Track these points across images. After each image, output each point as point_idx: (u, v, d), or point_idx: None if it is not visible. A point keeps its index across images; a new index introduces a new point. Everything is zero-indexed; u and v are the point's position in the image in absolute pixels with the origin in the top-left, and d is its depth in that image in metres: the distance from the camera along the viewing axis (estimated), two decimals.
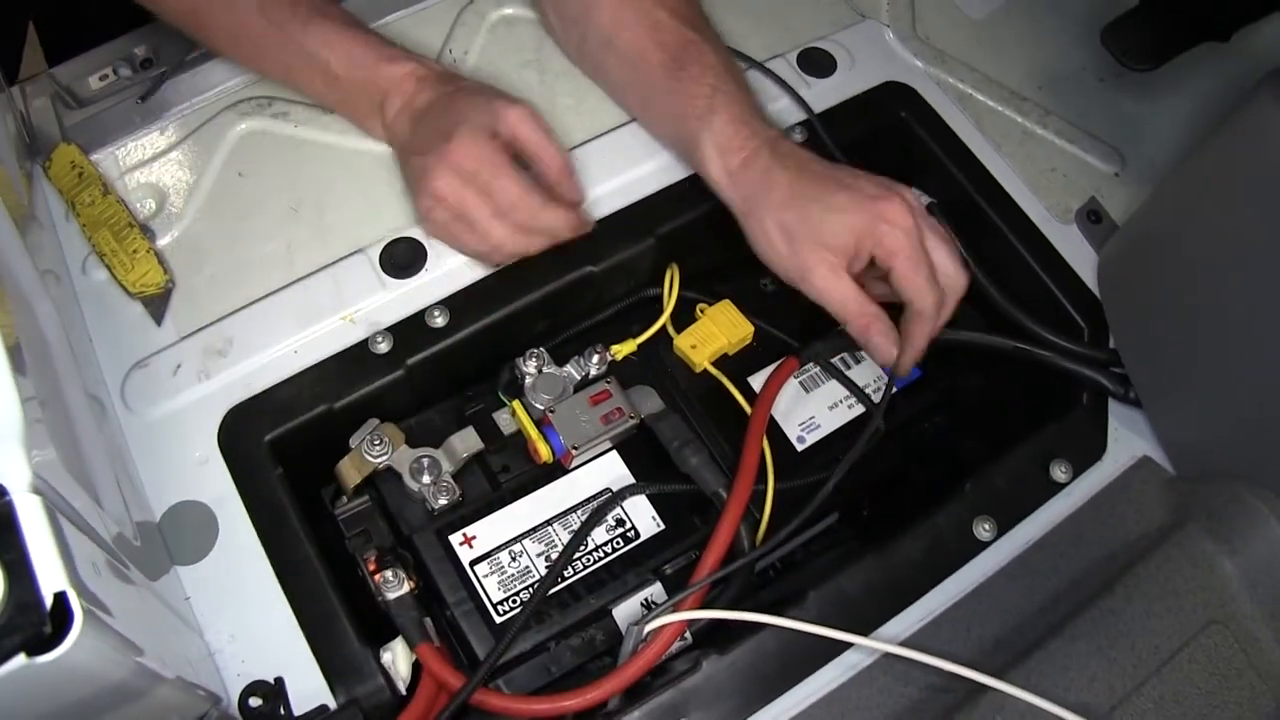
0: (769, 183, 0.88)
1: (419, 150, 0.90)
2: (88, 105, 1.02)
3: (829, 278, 0.86)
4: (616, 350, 0.95)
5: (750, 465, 0.87)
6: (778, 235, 0.87)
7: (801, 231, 0.86)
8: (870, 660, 0.82)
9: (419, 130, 0.92)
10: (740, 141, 0.90)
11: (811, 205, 0.86)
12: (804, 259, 0.86)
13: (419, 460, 0.87)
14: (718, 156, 0.90)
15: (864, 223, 0.84)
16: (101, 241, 0.90)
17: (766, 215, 0.88)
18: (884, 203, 0.84)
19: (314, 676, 0.77)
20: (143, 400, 0.86)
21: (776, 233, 0.87)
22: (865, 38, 1.11)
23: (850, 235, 0.84)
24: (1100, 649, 0.82)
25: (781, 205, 0.87)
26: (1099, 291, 0.99)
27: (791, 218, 0.86)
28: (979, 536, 0.88)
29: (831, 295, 0.86)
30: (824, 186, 0.86)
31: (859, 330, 0.87)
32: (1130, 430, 0.94)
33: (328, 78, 0.94)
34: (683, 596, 0.80)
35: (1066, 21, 1.15)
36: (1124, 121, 1.10)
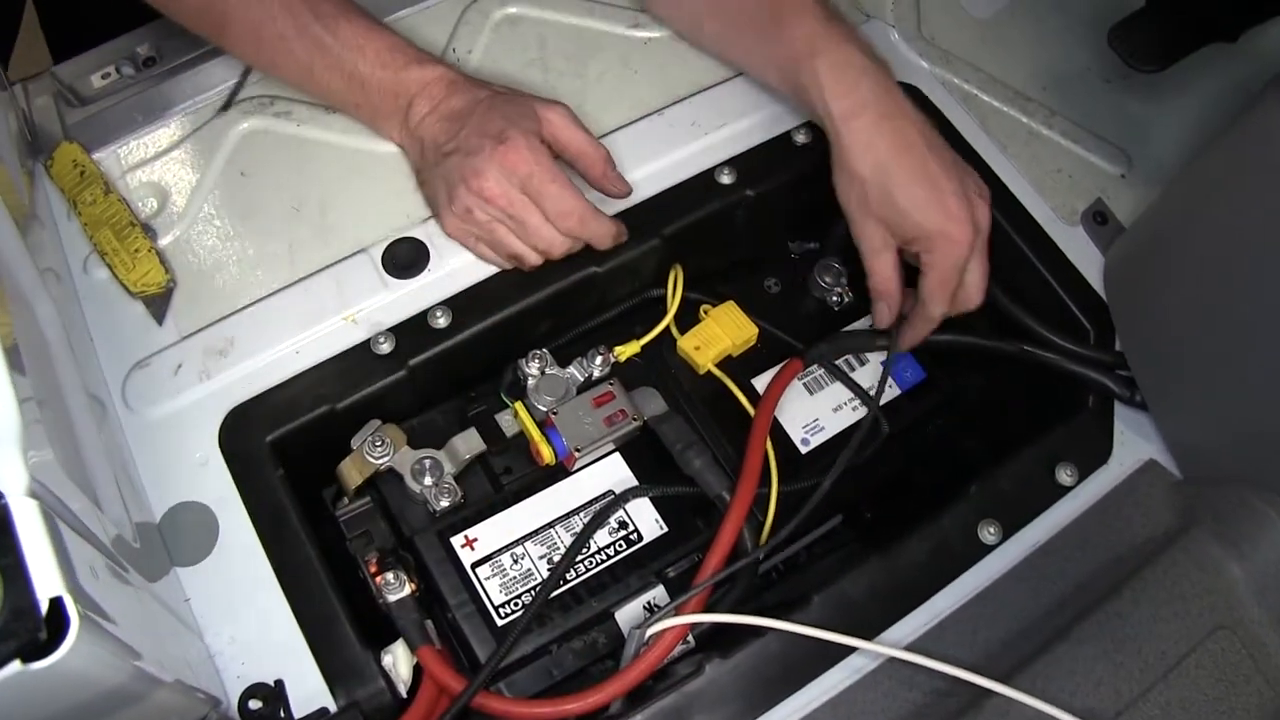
0: (868, 145, 0.90)
1: (462, 151, 0.89)
2: (90, 104, 1.01)
3: (877, 245, 0.92)
4: (620, 351, 0.94)
5: (753, 468, 0.86)
6: (854, 194, 0.91)
7: (874, 204, 0.90)
8: (874, 664, 0.81)
9: (457, 132, 0.91)
10: (847, 87, 0.91)
11: (894, 188, 0.88)
12: (865, 222, 0.92)
13: (421, 461, 0.87)
14: (822, 98, 0.91)
15: (926, 229, 0.88)
16: (103, 240, 0.90)
17: (854, 173, 0.90)
18: (953, 224, 0.88)
19: (314, 679, 0.77)
20: (143, 400, 0.86)
21: (855, 192, 0.91)
22: (871, 38, 1.10)
23: (910, 230, 0.89)
24: (1106, 654, 0.81)
25: (870, 172, 0.89)
26: (1105, 293, 0.98)
27: (873, 189, 0.90)
28: (984, 540, 0.87)
29: (870, 256, 0.93)
30: (912, 171, 0.89)
31: (875, 291, 0.94)
32: (1136, 433, 0.94)
33: (352, 79, 0.93)
34: (685, 599, 0.80)
35: (1072, 21, 1.14)
36: (1130, 122, 1.09)
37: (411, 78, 0.93)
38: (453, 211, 0.91)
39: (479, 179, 0.88)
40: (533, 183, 0.88)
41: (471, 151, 0.88)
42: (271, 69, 0.97)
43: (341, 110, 0.98)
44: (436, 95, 0.93)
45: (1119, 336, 0.96)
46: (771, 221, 1.04)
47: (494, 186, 0.87)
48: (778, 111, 1.03)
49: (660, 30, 1.08)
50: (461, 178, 0.89)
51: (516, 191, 0.88)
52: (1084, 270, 0.99)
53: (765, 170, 1.00)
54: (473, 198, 0.89)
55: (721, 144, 1.01)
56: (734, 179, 0.99)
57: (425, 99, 0.93)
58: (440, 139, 0.92)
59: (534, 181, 0.88)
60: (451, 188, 0.90)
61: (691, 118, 1.02)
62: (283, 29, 0.91)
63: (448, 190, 0.91)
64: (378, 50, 0.93)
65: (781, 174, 1.00)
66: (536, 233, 0.90)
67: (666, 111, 1.02)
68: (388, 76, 0.93)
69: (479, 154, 0.88)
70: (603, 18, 1.07)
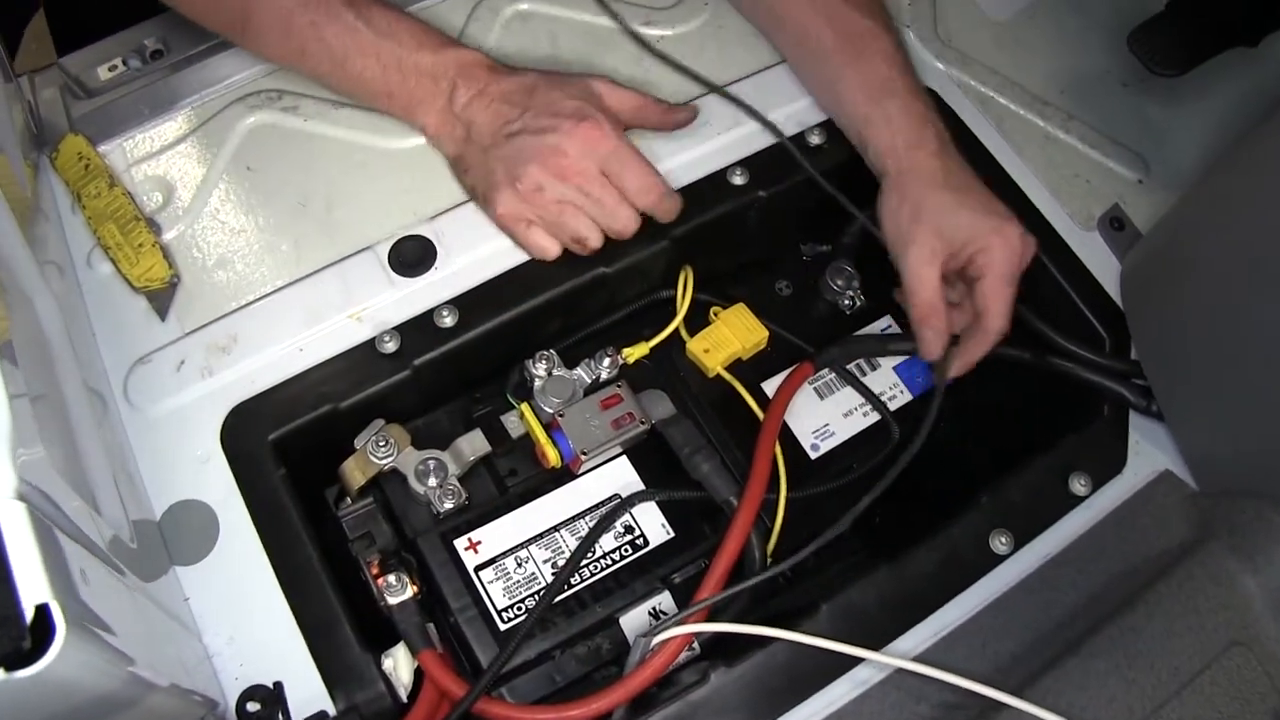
0: (927, 167, 0.91)
1: (532, 130, 0.89)
2: (96, 96, 1.00)
3: (923, 259, 0.89)
4: (628, 353, 0.93)
5: (762, 473, 0.85)
6: (909, 207, 0.90)
7: (928, 213, 0.89)
8: (882, 676, 0.80)
9: (520, 114, 0.90)
10: (913, 130, 0.93)
11: (949, 195, 0.90)
12: (915, 235, 0.90)
13: (425, 462, 0.86)
14: (889, 135, 0.93)
15: (982, 230, 0.88)
16: (107, 234, 0.89)
17: (909, 191, 0.91)
18: (1008, 223, 0.89)
19: (313, 682, 0.76)
20: (145, 396, 0.85)
21: (909, 204, 0.91)
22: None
23: (966, 231, 0.88)
24: (1119, 668, 0.80)
25: (926, 186, 0.90)
26: (1121, 301, 0.97)
27: (928, 200, 0.90)
28: (996, 550, 0.86)
29: (914, 274, 0.90)
30: (967, 185, 0.91)
31: (918, 317, 0.90)
32: (1151, 443, 0.93)
33: (388, 65, 0.92)
34: (692, 610, 0.79)
35: (1091, 24, 1.13)
36: (1149, 127, 1.08)
37: (450, 59, 0.93)
38: (518, 190, 0.89)
39: (559, 156, 0.88)
40: (614, 160, 0.89)
41: (546, 130, 0.88)
42: (300, 59, 0.94)
43: (370, 102, 0.96)
44: (481, 78, 0.93)
45: (1135, 344, 0.94)
46: (783, 223, 1.03)
47: (576, 163, 0.88)
48: (791, 111, 1.02)
49: (673, 29, 1.06)
50: (536, 156, 0.88)
51: (596, 169, 0.89)
52: (1100, 277, 0.98)
53: (778, 171, 0.99)
54: (548, 176, 0.88)
55: (734, 144, 1.00)
56: (746, 180, 0.98)
57: (470, 82, 0.92)
58: (497, 122, 0.91)
59: (616, 159, 0.89)
60: (519, 167, 0.89)
61: (704, 117, 1.01)
62: (315, 16, 0.90)
63: (511, 170, 0.89)
64: (412, 33, 0.92)
65: (794, 175, 0.99)
66: (614, 211, 0.90)
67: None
68: (425, 58, 0.92)
69: (557, 132, 0.88)
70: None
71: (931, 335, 0.90)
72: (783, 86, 1.04)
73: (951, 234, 0.88)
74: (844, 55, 0.97)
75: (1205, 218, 0.87)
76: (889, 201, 0.92)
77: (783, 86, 1.04)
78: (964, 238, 0.88)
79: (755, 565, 0.84)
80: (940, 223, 0.89)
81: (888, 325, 1.03)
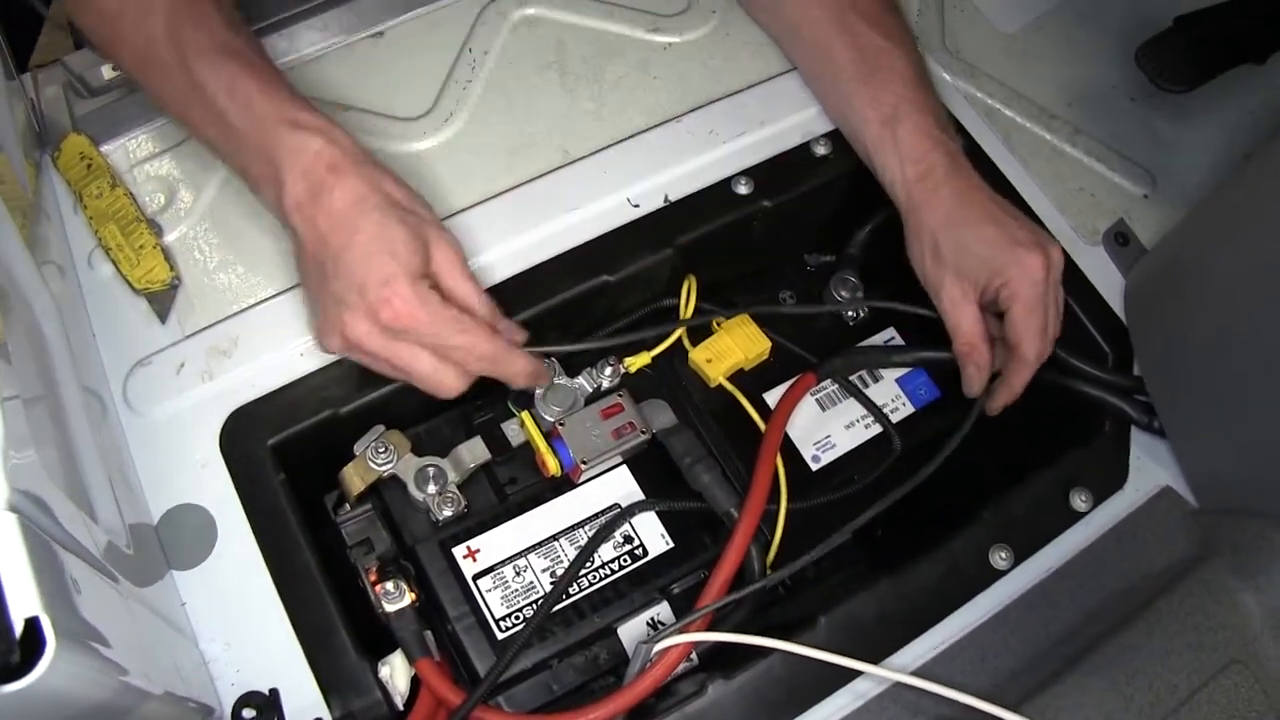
0: (935, 200, 0.91)
1: (342, 282, 0.77)
2: (100, 95, 1.00)
3: (957, 299, 0.90)
4: (630, 362, 0.93)
5: (762, 484, 0.85)
6: (928, 249, 0.91)
7: (947, 253, 0.90)
8: (880, 689, 0.80)
9: (339, 253, 0.77)
10: (921, 153, 0.92)
11: (963, 231, 0.89)
12: (942, 277, 0.90)
13: (424, 469, 0.85)
14: (898, 164, 0.93)
15: (1000, 262, 0.88)
16: (108, 235, 0.89)
17: (924, 228, 0.91)
18: (1024, 250, 0.87)
19: (310, 689, 0.76)
20: (144, 399, 0.85)
21: (928, 247, 0.91)
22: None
23: (984, 268, 0.88)
24: (1117, 686, 0.80)
25: (939, 224, 0.90)
26: (1125, 316, 0.97)
27: (943, 238, 0.90)
28: (995, 564, 0.86)
29: (952, 313, 0.90)
30: (980, 216, 0.90)
31: (961, 353, 0.91)
32: (1153, 460, 0.92)
33: (223, 128, 0.80)
34: (692, 619, 0.79)
35: (1099, 38, 1.12)
36: (1155, 142, 1.08)
37: (284, 144, 0.78)
38: (328, 346, 0.81)
39: (353, 330, 0.77)
40: (425, 338, 0.78)
41: (345, 293, 0.77)
42: (158, 102, 0.85)
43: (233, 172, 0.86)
44: (312, 176, 0.78)
45: (1138, 360, 0.94)
46: (788, 233, 1.03)
47: (372, 342, 0.78)
48: (798, 121, 1.02)
49: (680, 36, 1.06)
50: (338, 319, 0.78)
51: (401, 344, 0.78)
52: (1104, 292, 0.98)
53: (783, 181, 0.99)
54: (349, 347, 0.80)
55: (739, 153, 1.00)
56: (751, 189, 0.97)
57: (300, 179, 0.78)
58: (315, 244, 0.78)
59: (426, 337, 0.78)
60: (328, 320, 0.80)
61: (710, 125, 1.00)
62: (165, 55, 0.79)
63: (325, 319, 0.80)
64: (248, 93, 0.79)
65: (800, 185, 0.99)
66: (428, 379, 0.80)
67: (685, 119, 1.01)
68: (256, 135, 0.78)
69: (354, 304, 0.77)
70: (623, 21, 1.06)
71: (974, 371, 0.90)
72: (789, 95, 1.03)
73: (974, 274, 0.89)
74: (858, 72, 0.96)
75: (1211, 234, 0.87)
76: (910, 243, 0.93)
77: (789, 95, 1.03)
78: (985, 274, 0.88)
79: (755, 577, 0.84)
80: (960, 263, 0.89)
81: (891, 337, 1.03)
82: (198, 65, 0.79)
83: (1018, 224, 0.90)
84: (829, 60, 0.98)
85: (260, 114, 0.78)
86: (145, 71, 0.83)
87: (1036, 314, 0.88)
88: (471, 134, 0.99)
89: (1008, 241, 0.88)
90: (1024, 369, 0.89)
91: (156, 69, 0.81)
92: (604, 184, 0.96)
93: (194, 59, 0.79)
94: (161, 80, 0.82)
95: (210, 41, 0.80)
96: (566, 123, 1.00)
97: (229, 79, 0.79)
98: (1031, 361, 0.89)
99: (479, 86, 1.01)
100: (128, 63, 0.85)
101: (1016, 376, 0.90)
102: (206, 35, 0.80)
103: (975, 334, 0.90)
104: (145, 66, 0.82)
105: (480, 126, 0.99)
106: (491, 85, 1.01)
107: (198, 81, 0.79)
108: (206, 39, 0.80)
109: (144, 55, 0.81)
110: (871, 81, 0.95)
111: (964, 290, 0.89)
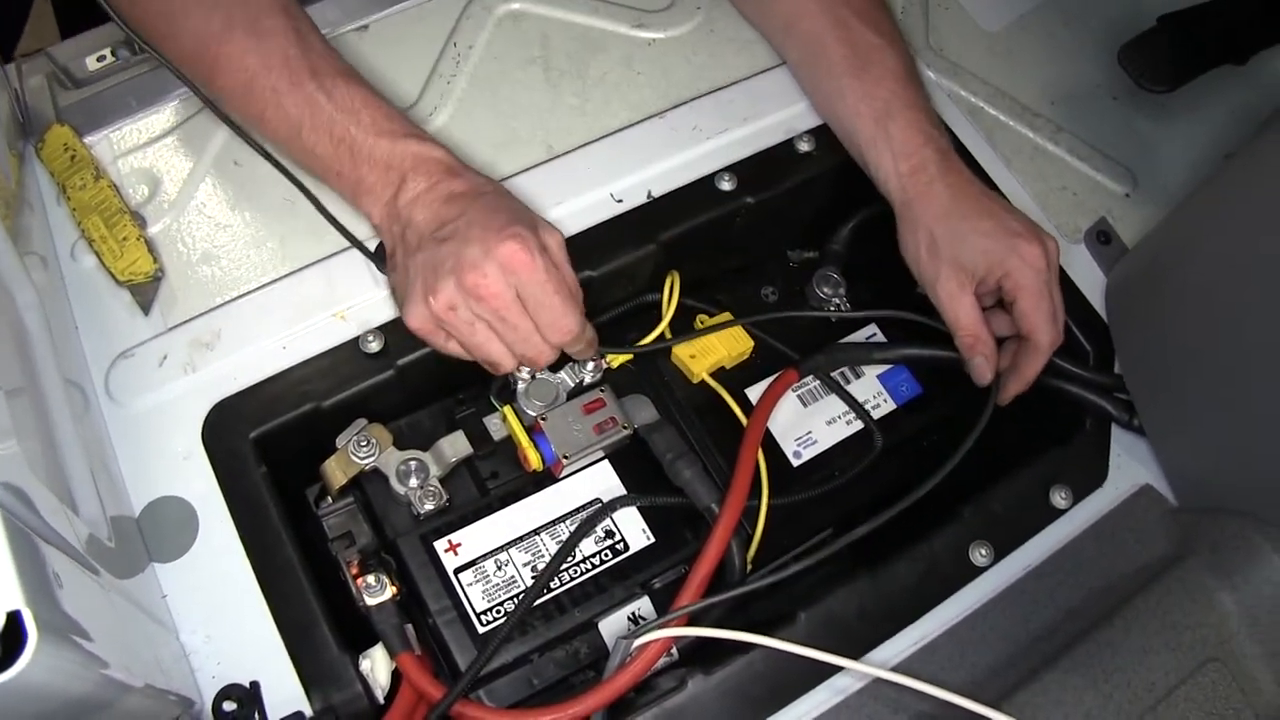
0: (930, 194, 0.92)
1: (459, 239, 0.81)
2: (84, 86, 1.00)
3: (954, 292, 0.91)
4: (612, 358, 0.93)
5: (743, 479, 0.85)
6: (924, 243, 0.92)
7: (944, 246, 0.91)
8: (860, 685, 0.81)
9: (456, 217, 0.82)
10: (914, 148, 0.93)
11: (959, 224, 0.90)
12: (938, 269, 0.91)
13: (406, 463, 0.85)
14: (890, 160, 0.94)
15: (1000, 253, 0.89)
16: (91, 227, 0.89)
17: (919, 223, 0.92)
18: (1023, 240, 0.89)
19: (291, 682, 0.76)
20: (127, 391, 0.84)
21: (924, 241, 0.92)
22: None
23: (984, 260, 0.89)
24: (1095, 683, 0.80)
25: (935, 218, 0.91)
26: (1106, 315, 0.97)
27: (940, 231, 0.91)
28: (975, 561, 0.86)
29: (950, 306, 0.91)
30: (975, 209, 0.91)
31: (965, 346, 0.92)
32: (1133, 458, 0.93)
33: (340, 143, 0.85)
34: (672, 616, 0.79)
35: (1082, 38, 1.13)
36: (1137, 141, 1.08)
37: (409, 150, 0.86)
38: (430, 306, 0.81)
39: (476, 274, 0.79)
40: (532, 289, 0.80)
41: (472, 240, 0.80)
42: (260, 124, 0.88)
43: (321, 178, 0.89)
44: (434, 175, 0.85)
45: (1118, 359, 0.95)
46: (771, 229, 1.03)
47: (492, 284, 0.79)
48: (781, 118, 1.02)
49: (664, 32, 1.06)
50: (455, 269, 0.80)
51: (513, 294, 0.80)
52: (1086, 290, 0.99)
53: (767, 177, 0.99)
54: (462, 294, 0.80)
55: (723, 149, 1.00)
56: (734, 185, 0.97)
57: (422, 176, 0.85)
58: (433, 223, 0.83)
59: (534, 287, 0.80)
60: (437, 280, 0.81)
61: (693, 122, 1.00)
62: (276, 82, 0.85)
63: (429, 283, 0.81)
64: (375, 116, 0.86)
65: (783, 181, 0.99)
66: (526, 340, 0.83)
67: (668, 115, 1.01)
68: (381, 145, 0.85)
69: (482, 245, 0.79)
70: (607, 17, 1.06)
71: (982, 362, 0.91)
72: (773, 92, 1.04)
73: (972, 265, 0.90)
74: (849, 68, 0.97)
75: (1192, 234, 0.88)
76: (904, 238, 0.94)
77: (773, 92, 1.04)
78: (985, 266, 0.89)
79: (736, 572, 0.84)
80: (958, 256, 0.90)
81: (873, 333, 1.03)
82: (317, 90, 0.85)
83: (1012, 216, 0.91)
84: (821, 56, 0.99)
85: (384, 128, 0.85)
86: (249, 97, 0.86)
87: (1044, 301, 0.89)
88: (455, 129, 0.99)
89: (1005, 233, 0.89)
90: (1039, 357, 0.90)
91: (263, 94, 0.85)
92: (587, 179, 0.96)
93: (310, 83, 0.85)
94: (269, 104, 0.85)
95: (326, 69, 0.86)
96: (550, 118, 1.00)
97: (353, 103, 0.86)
98: (1045, 349, 0.90)
99: (463, 81, 1.01)
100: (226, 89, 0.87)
101: (1030, 366, 0.91)
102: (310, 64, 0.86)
103: (977, 324, 0.91)
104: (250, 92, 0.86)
105: (464, 121, 0.99)
106: (476, 80, 1.02)
107: (319, 103, 0.85)
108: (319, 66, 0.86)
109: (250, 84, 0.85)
110: (864, 77, 0.96)
111: (961, 282, 0.90)
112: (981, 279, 0.90)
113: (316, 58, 0.86)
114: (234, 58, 0.85)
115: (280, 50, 0.85)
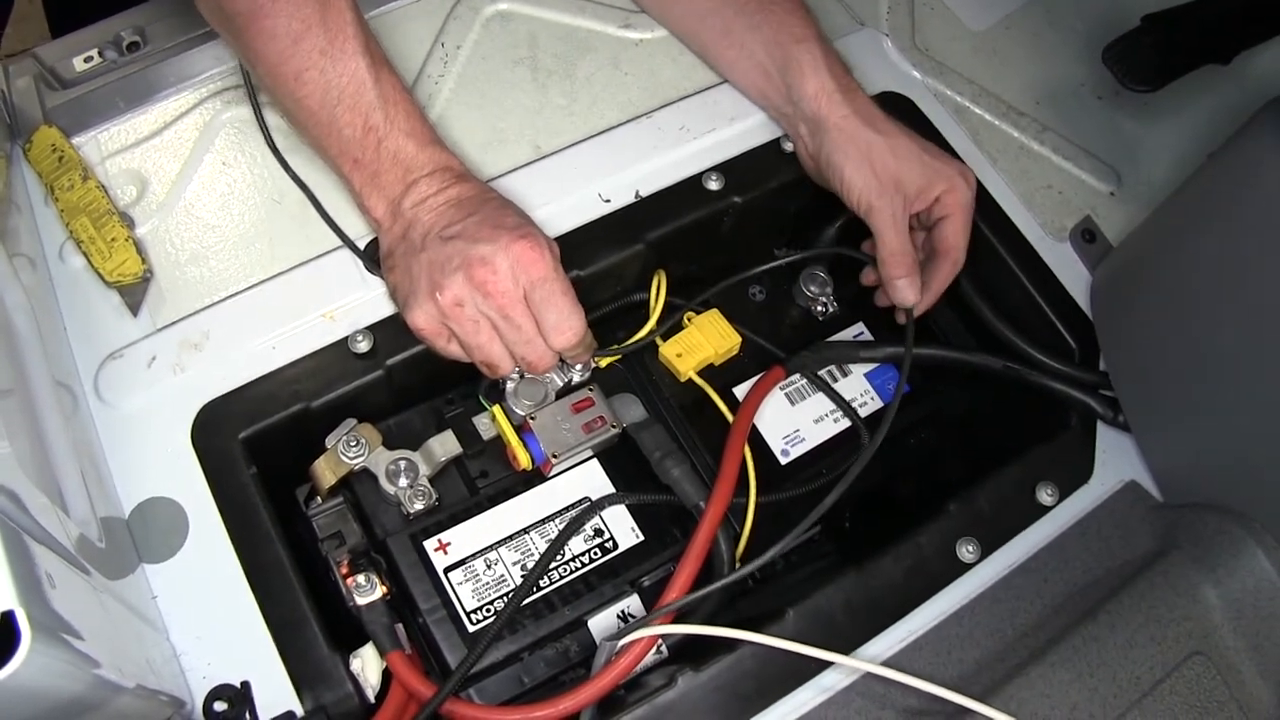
0: (870, 113, 0.94)
1: (467, 238, 0.81)
2: (72, 87, 0.99)
3: (898, 212, 0.93)
4: (600, 357, 0.93)
5: (730, 476, 0.85)
6: (865, 156, 0.92)
7: (890, 160, 0.92)
8: (849, 680, 0.81)
9: (464, 218, 0.83)
10: (841, 70, 0.96)
11: (897, 142, 0.92)
12: (879, 187, 0.92)
13: (396, 463, 0.86)
14: (815, 76, 0.95)
15: (945, 174, 0.92)
16: (79, 228, 0.89)
17: (857, 137, 0.93)
18: (955, 168, 0.93)
19: (281, 681, 0.76)
20: (116, 392, 0.84)
21: (857, 154, 0.93)
22: (864, 46, 1.10)
23: (929, 178, 0.92)
24: (1081, 677, 0.81)
25: (873, 133, 0.92)
26: (1091, 312, 0.98)
27: (883, 145, 0.92)
28: (962, 557, 0.87)
29: (891, 225, 0.93)
30: (907, 134, 0.94)
31: (896, 264, 0.93)
32: (1118, 454, 0.94)
33: (370, 132, 0.85)
34: (658, 613, 0.79)
35: (1067, 37, 1.14)
36: (1122, 140, 1.09)
37: (431, 157, 0.86)
38: (437, 302, 0.81)
39: (486, 270, 0.80)
40: (541, 289, 0.81)
41: (480, 239, 0.80)
42: (293, 83, 0.84)
43: (334, 159, 0.87)
44: (445, 180, 0.86)
45: (1103, 356, 0.95)
46: (758, 229, 1.03)
47: (501, 281, 0.80)
48: (768, 118, 1.02)
49: (652, 32, 1.07)
50: (464, 265, 0.80)
51: (520, 293, 0.81)
52: (1071, 288, 0.99)
53: (753, 177, 0.99)
54: (470, 290, 0.80)
55: (710, 149, 1.00)
56: (722, 185, 0.98)
57: (433, 181, 0.86)
58: (439, 224, 0.84)
59: (543, 287, 0.81)
60: (444, 276, 0.81)
61: (680, 122, 1.01)
62: (328, 44, 0.83)
63: (435, 279, 0.81)
64: (409, 116, 0.86)
65: (770, 181, 1.00)
66: (528, 343, 0.83)
67: (655, 115, 1.01)
68: (408, 147, 0.85)
69: (492, 243, 0.80)
70: (595, 17, 1.06)
71: (908, 283, 0.94)
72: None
73: (915, 180, 0.92)
74: (759, 8, 0.98)
75: (1176, 232, 0.88)
76: (837, 154, 0.94)
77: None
78: (926, 182, 0.92)
79: (724, 569, 0.84)
80: (900, 168, 0.92)
81: (860, 332, 1.03)
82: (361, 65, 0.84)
83: (934, 147, 0.95)
84: (721, 13, 1.01)
85: (413, 130, 0.86)
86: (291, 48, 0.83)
87: (968, 226, 0.94)
88: (443, 128, 0.99)
89: (940, 159, 0.93)
90: (953, 272, 0.95)
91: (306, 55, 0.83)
92: (575, 179, 0.97)
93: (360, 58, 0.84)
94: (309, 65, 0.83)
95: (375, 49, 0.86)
96: (538, 118, 1.00)
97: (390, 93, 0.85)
98: (959, 266, 0.95)
99: (451, 81, 1.01)
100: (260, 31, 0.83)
101: (943, 281, 0.95)
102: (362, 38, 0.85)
103: (906, 249, 0.93)
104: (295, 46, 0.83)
105: (452, 121, 1.00)
106: (463, 80, 1.02)
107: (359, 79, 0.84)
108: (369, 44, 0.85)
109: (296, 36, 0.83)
110: (773, 10, 0.98)
111: (902, 202, 0.92)
112: (916, 197, 0.93)
113: (370, 35, 0.86)
114: (282, 14, 0.82)
115: (340, 11, 0.84)
